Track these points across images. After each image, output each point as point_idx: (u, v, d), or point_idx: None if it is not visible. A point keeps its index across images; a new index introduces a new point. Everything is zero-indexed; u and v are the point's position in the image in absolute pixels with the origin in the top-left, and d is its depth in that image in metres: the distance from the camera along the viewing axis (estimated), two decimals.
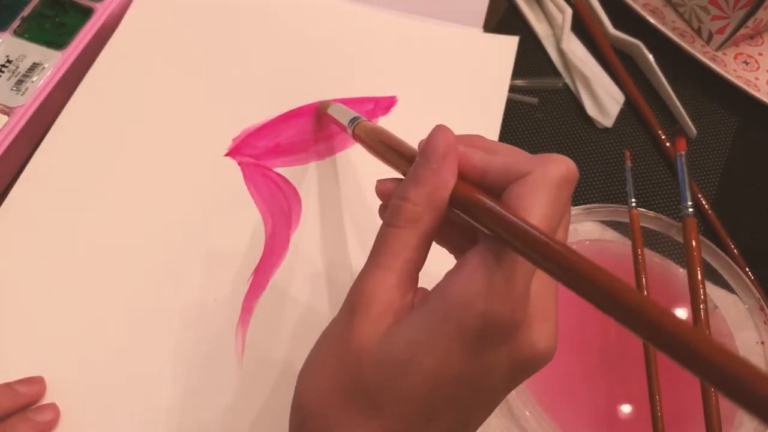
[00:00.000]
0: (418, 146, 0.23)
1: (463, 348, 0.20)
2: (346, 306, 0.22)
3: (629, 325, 0.16)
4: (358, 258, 0.37)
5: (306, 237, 0.38)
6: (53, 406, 0.32)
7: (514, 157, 0.21)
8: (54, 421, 0.32)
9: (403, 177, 0.24)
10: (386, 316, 0.21)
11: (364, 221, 0.38)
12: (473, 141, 0.23)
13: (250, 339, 0.34)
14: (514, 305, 0.19)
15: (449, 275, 0.21)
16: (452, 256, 0.25)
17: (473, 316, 0.19)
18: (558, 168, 0.20)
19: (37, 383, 0.32)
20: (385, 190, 0.24)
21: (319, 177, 0.40)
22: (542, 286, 0.21)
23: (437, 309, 0.20)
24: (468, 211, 0.21)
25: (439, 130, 0.22)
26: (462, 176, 0.22)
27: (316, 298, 0.36)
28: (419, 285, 0.23)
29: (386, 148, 0.27)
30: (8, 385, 0.31)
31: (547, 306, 0.21)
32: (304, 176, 0.39)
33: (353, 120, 0.32)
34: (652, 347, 0.34)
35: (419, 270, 0.22)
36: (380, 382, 0.20)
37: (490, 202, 0.20)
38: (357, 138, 0.31)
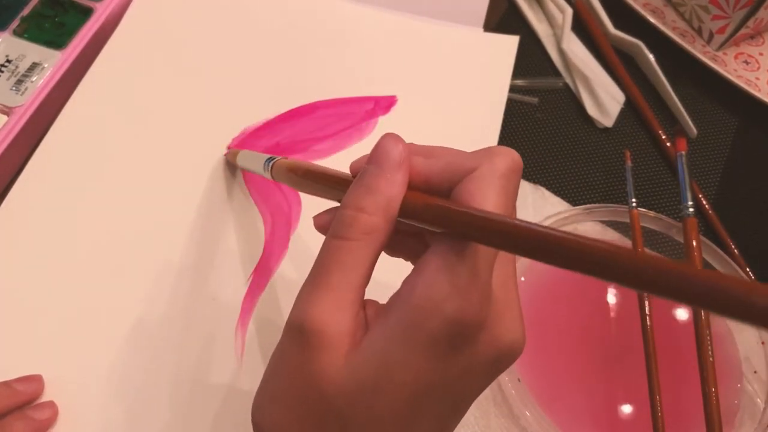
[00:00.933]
0: (370, 155, 0.22)
1: (438, 354, 0.19)
2: (294, 333, 0.21)
3: (611, 277, 0.15)
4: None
5: (305, 237, 0.37)
6: (51, 404, 0.32)
7: (456, 157, 0.21)
8: (52, 419, 0.32)
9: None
10: (343, 341, 0.20)
11: None
12: (412, 148, 0.22)
13: (250, 339, 0.34)
14: (481, 301, 0.19)
15: (409, 281, 0.20)
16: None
17: (443, 320, 0.18)
18: (504, 160, 0.20)
19: (35, 381, 0.32)
20: (326, 224, 0.23)
21: None
22: (502, 277, 0.21)
23: (402, 319, 0.19)
24: (419, 216, 0.20)
25: (389, 137, 0.22)
26: (408, 184, 0.21)
27: None
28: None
29: (315, 177, 0.26)
30: (6, 383, 0.32)
31: (509, 296, 0.21)
32: None
33: (268, 161, 0.29)
34: (652, 347, 0.34)
35: (367, 285, 0.21)
36: (351, 409, 0.19)
37: (442, 201, 0.20)
38: (277, 179, 0.29)
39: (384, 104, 0.42)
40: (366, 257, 0.20)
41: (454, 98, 0.43)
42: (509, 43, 0.46)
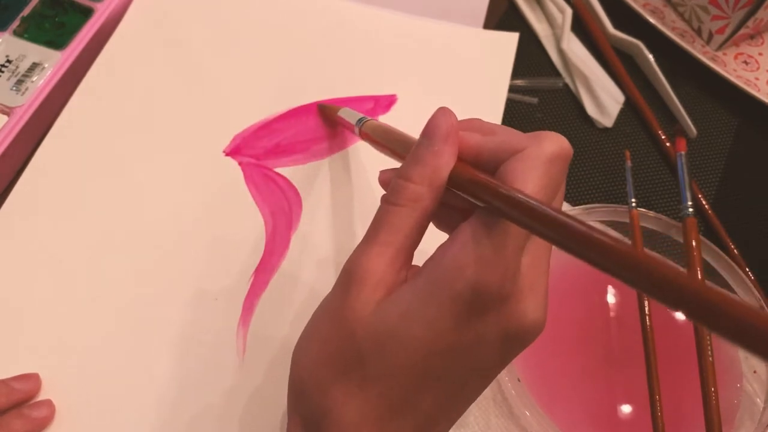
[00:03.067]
0: (424, 128, 0.24)
1: (455, 316, 0.20)
2: (341, 279, 0.23)
3: (628, 279, 0.16)
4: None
5: (306, 236, 0.38)
6: (48, 403, 0.32)
7: (509, 136, 0.22)
8: (49, 417, 0.32)
9: None
10: (379, 289, 0.22)
11: (365, 220, 0.38)
12: (472, 124, 0.24)
13: (252, 338, 0.34)
14: (505, 274, 0.20)
15: (441, 247, 0.21)
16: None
17: (464, 284, 0.20)
18: (551, 144, 0.21)
19: (32, 380, 0.32)
20: (387, 180, 0.25)
21: (319, 176, 0.40)
22: (533, 259, 0.21)
23: (429, 279, 0.21)
24: (464, 187, 0.21)
25: (442, 112, 0.23)
26: (459, 157, 0.22)
27: (317, 297, 0.36)
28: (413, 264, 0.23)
29: (391, 140, 0.29)
30: (3, 381, 0.32)
31: (537, 279, 0.21)
32: (304, 176, 0.39)
33: (360, 120, 0.33)
34: (652, 347, 0.34)
35: (414, 249, 0.23)
36: (374, 352, 0.21)
37: (484, 176, 0.21)
38: (364, 136, 0.33)
39: (384, 103, 0.42)
40: (412, 221, 0.22)
41: (454, 96, 0.43)
42: (509, 41, 0.46)
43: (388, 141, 0.29)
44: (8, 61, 0.41)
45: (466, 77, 0.44)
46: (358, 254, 0.22)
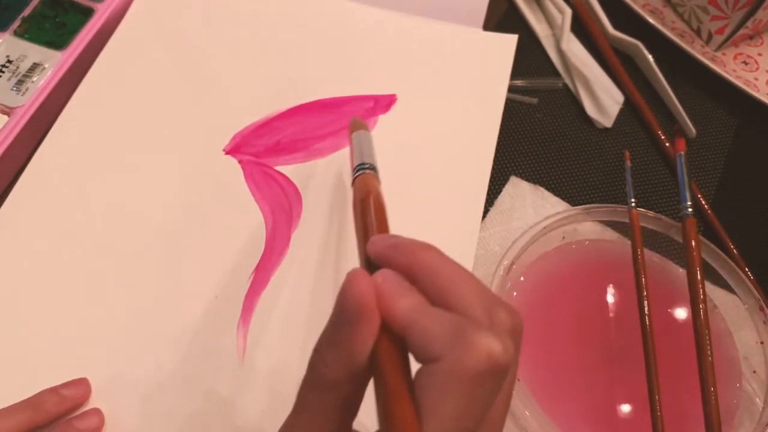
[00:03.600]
0: (337, 298, 0.19)
1: None
2: None
3: None
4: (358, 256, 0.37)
5: (307, 235, 0.38)
6: (97, 411, 0.31)
7: (436, 326, 0.17)
8: (99, 428, 0.31)
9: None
10: None
11: None
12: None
13: (252, 337, 0.34)
14: None
15: None
16: None
17: None
18: (476, 357, 0.16)
19: (82, 386, 0.32)
20: (379, 253, 0.21)
21: (319, 175, 0.40)
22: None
23: None
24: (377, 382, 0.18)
25: (352, 281, 0.18)
26: (386, 326, 0.18)
27: (317, 296, 0.36)
28: None
29: (366, 214, 0.24)
30: (54, 389, 0.31)
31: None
32: (304, 174, 0.39)
33: (360, 166, 0.28)
34: (652, 347, 0.34)
35: (351, 424, 0.20)
36: None
37: (392, 381, 0.17)
38: (353, 186, 0.28)
39: (384, 103, 0.42)
40: (333, 410, 0.19)
41: (453, 97, 0.43)
42: (508, 42, 0.46)
43: (363, 213, 0.25)
44: (9, 62, 0.41)
45: (467, 78, 0.44)
46: None
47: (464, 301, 0.18)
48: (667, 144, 0.45)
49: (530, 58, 0.49)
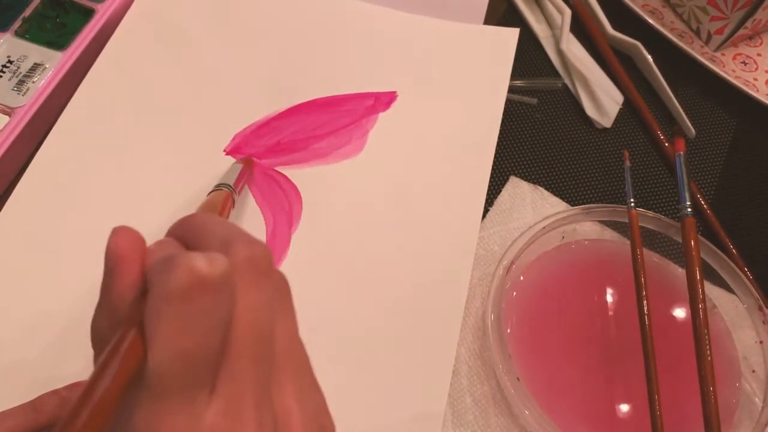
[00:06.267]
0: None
1: None
2: None
3: None
4: (359, 256, 0.37)
5: (307, 236, 0.38)
6: None
7: (153, 260, 0.18)
8: None
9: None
10: None
11: (365, 219, 0.38)
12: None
13: None
14: None
15: None
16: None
17: None
18: (177, 275, 0.16)
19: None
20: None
21: (319, 175, 0.40)
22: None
23: None
24: None
25: (112, 233, 0.19)
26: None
27: (317, 297, 0.36)
28: None
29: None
30: (55, 392, 0.30)
31: None
32: (304, 174, 0.40)
33: (218, 186, 0.35)
34: (651, 346, 0.34)
35: None
36: None
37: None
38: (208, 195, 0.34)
39: (384, 100, 0.43)
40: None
41: (454, 93, 0.43)
42: (509, 36, 0.46)
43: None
44: (9, 62, 0.41)
45: (467, 74, 0.44)
46: None
47: (204, 240, 0.19)
48: (666, 144, 0.45)
49: (530, 59, 0.49)
